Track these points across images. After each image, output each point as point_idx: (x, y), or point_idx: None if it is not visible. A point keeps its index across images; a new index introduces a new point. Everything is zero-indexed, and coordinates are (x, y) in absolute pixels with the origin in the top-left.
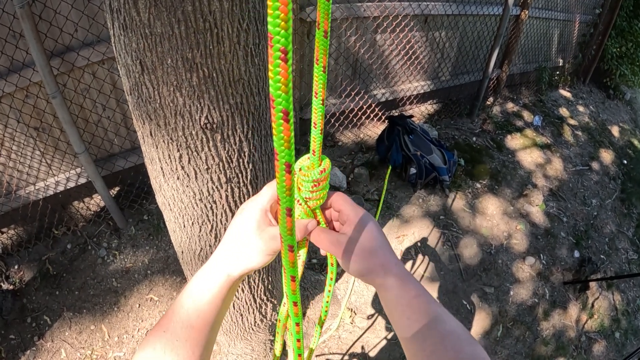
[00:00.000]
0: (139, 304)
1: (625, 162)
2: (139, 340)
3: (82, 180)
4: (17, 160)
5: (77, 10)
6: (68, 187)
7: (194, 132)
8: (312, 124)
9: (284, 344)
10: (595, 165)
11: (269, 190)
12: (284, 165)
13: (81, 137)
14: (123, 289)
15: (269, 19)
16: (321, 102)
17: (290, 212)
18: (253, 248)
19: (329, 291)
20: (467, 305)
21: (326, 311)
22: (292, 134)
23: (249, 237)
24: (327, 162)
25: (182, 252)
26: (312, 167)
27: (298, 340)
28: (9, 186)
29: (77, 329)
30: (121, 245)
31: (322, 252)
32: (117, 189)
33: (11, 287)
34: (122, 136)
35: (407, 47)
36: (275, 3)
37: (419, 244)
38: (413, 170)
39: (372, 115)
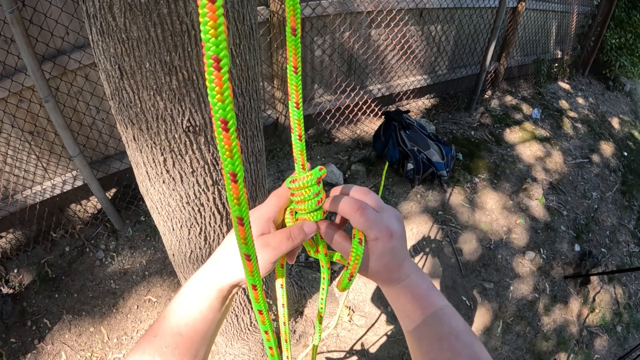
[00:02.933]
0: (137, 306)
1: (625, 154)
2: None
3: (79, 183)
4: (13, 164)
5: (67, 13)
6: (65, 190)
7: (176, 136)
8: (293, 134)
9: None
10: (595, 157)
11: (274, 201)
12: (229, 174)
13: (75, 140)
14: (121, 290)
15: (200, 27)
16: (295, 105)
17: (242, 221)
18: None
19: (323, 289)
20: (467, 301)
21: (322, 308)
22: (234, 142)
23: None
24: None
25: (174, 254)
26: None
27: (266, 332)
28: (6, 190)
29: (76, 332)
30: (119, 247)
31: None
32: (113, 190)
33: (11, 290)
34: (116, 138)
35: (403, 41)
36: (203, 10)
37: (417, 240)
38: (410, 166)
39: (368, 111)
